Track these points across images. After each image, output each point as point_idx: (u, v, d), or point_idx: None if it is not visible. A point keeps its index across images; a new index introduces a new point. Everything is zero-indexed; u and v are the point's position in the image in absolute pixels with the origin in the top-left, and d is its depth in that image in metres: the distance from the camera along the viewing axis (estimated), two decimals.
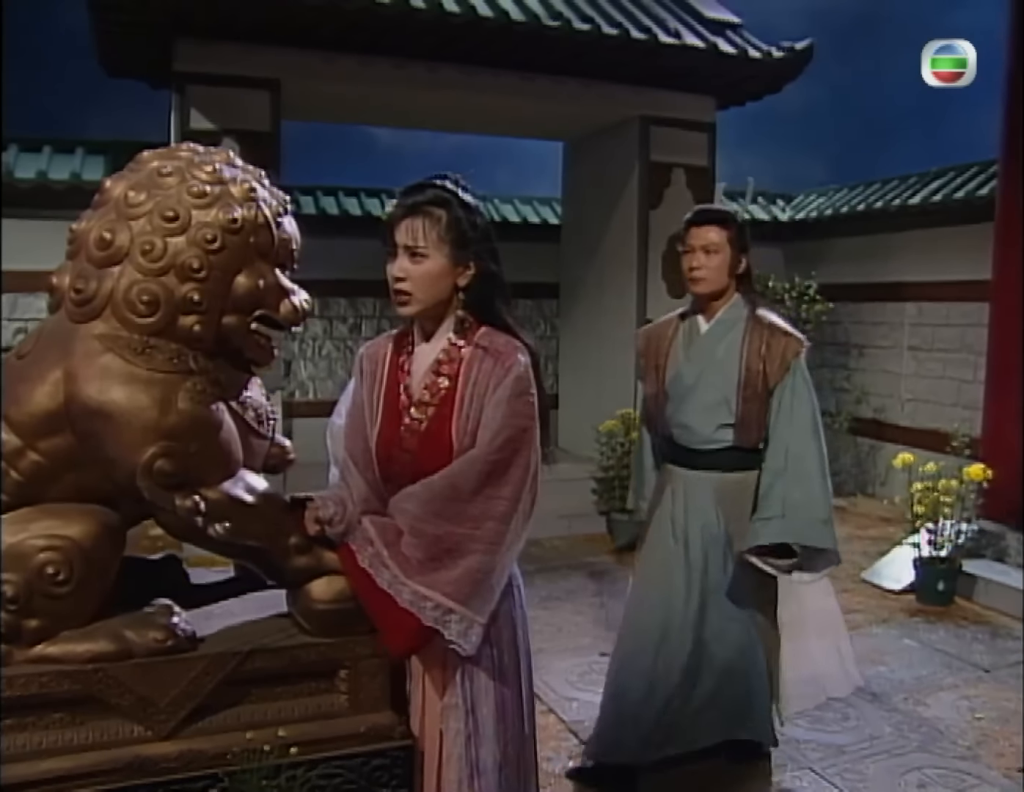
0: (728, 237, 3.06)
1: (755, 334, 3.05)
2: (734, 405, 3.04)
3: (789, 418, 3.01)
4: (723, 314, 3.12)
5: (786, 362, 3.01)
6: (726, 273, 3.07)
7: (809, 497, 2.97)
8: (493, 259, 2.02)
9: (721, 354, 3.08)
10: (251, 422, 1.98)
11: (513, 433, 1.91)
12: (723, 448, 3.08)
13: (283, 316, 1.95)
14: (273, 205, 1.95)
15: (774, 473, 3.01)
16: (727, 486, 3.09)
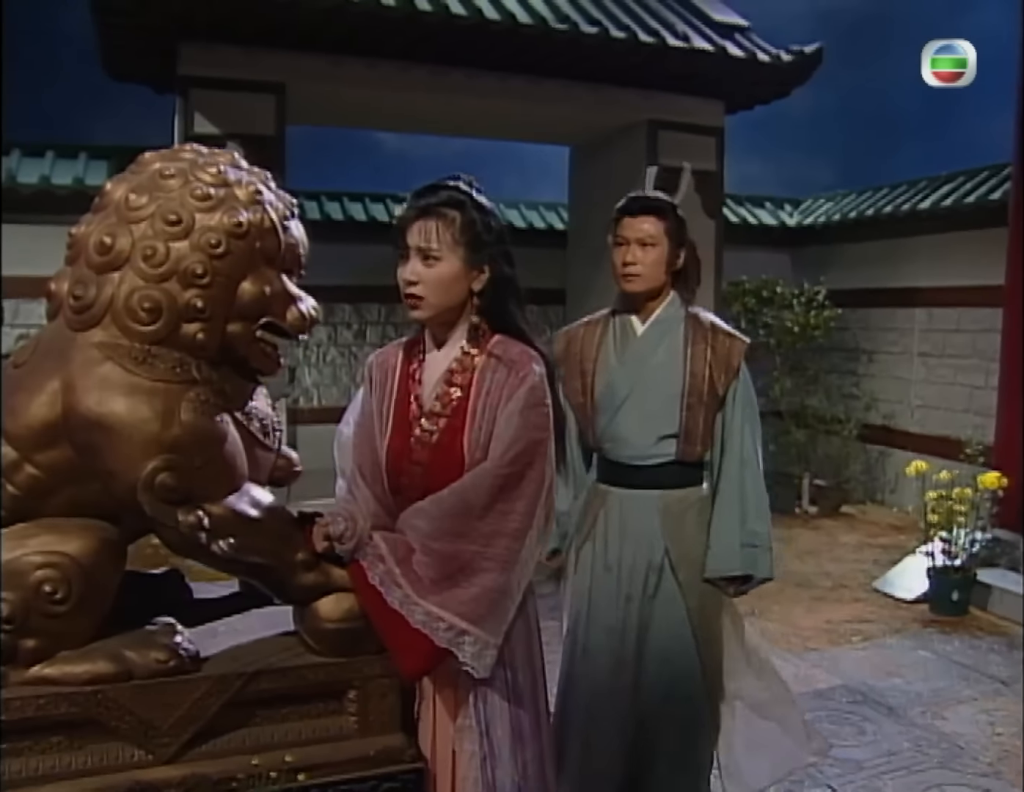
0: (666, 229, 2.71)
1: (697, 335, 2.74)
2: (677, 414, 2.71)
3: (741, 427, 2.75)
4: (660, 314, 2.78)
5: (733, 366, 2.74)
6: (663, 269, 2.73)
7: (767, 518, 2.76)
8: (508, 263, 1.95)
9: (661, 358, 2.75)
10: (256, 433, 1.91)
11: (527, 445, 1.84)
12: (665, 462, 2.73)
13: (290, 324, 1.88)
14: (280, 208, 1.88)
15: (738, 489, 2.72)
16: (671, 505, 2.73)
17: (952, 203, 7.49)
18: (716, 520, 2.73)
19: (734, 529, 2.70)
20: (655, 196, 2.86)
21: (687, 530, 2.74)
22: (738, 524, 2.71)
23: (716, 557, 2.71)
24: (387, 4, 5.83)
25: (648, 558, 2.71)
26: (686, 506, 2.75)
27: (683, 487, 2.76)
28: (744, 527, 2.70)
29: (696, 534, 2.73)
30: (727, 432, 2.75)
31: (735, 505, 2.72)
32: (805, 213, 9.69)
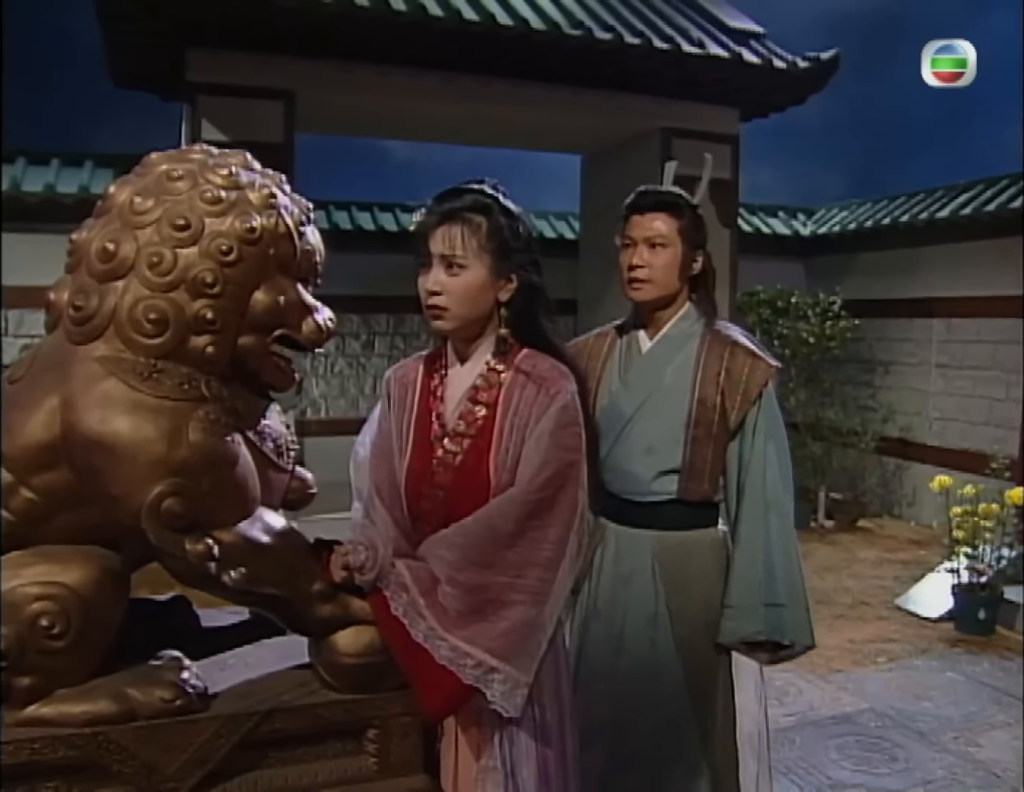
0: (680, 228, 2.37)
1: (711, 355, 2.38)
2: (681, 447, 2.36)
3: (764, 463, 2.36)
4: (671, 328, 2.43)
5: (751, 393, 2.34)
6: (676, 275, 2.38)
7: (799, 579, 2.38)
8: (536, 271, 1.83)
9: (668, 380, 2.40)
10: (269, 454, 1.79)
11: (558, 469, 1.71)
12: (664, 501, 2.38)
13: (305, 336, 1.76)
14: (295, 213, 1.76)
15: (761, 537, 2.35)
16: (667, 549, 2.38)
17: (972, 212, 7.36)
18: (735, 574, 2.36)
19: (754, 585, 2.33)
20: (669, 190, 2.49)
21: (689, 579, 2.38)
22: (761, 579, 2.32)
23: (734, 617, 2.35)
24: (398, 9, 5.73)
25: (643, 607, 2.38)
26: (688, 551, 2.39)
27: (687, 529, 2.41)
28: (769, 583, 2.32)
29: (700, 584, 2.38)
30: (746, 469, 2.37)
31: (757, 556, 2.33)
32: (819, 222, 9.57)
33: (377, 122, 7.37)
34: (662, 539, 2.39)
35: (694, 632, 2.37)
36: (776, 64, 6.86)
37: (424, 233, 1.77)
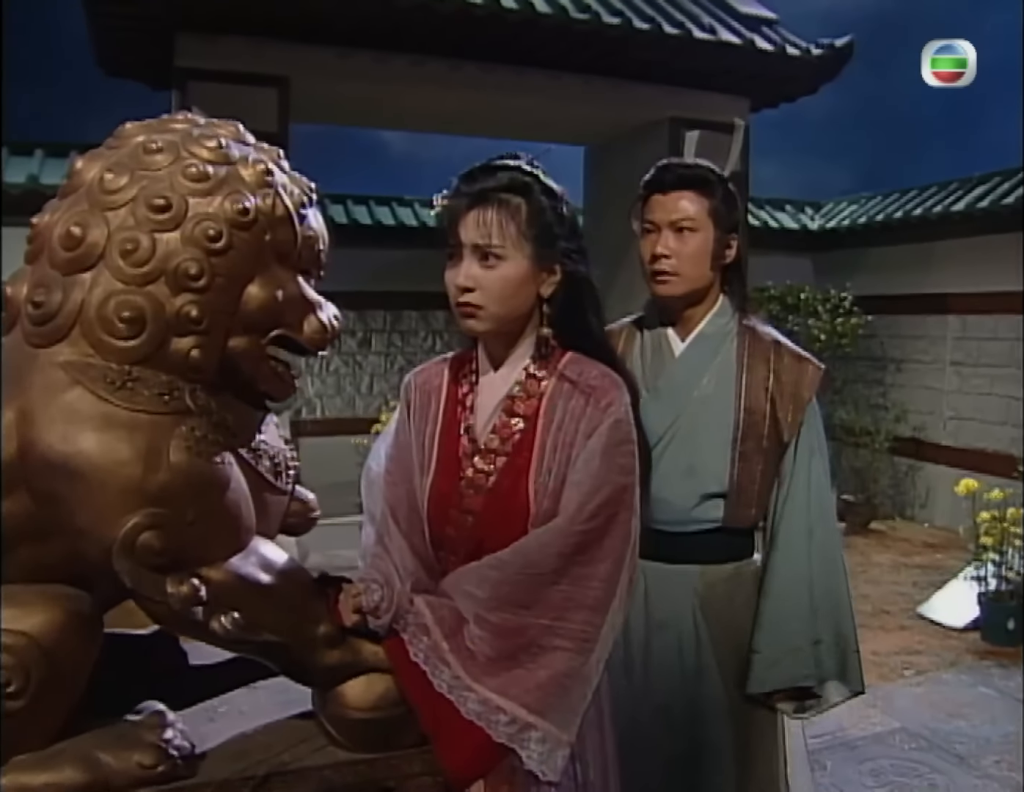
0: (711, 208, 2.05)
1: (755, 357, 2.09)
2: (727, 466, 2.05)
3: (808, 481, 2.08)
4: (706, 327, 2.12)
5: (802, 399, 2.07)
6: (708, 264, 2.06)
7: (847, 614, 2.11)
8: (583, 260, 1.58)
9: (707, 388, 2.08)
10: (266, 474, 1.53)
11: (610, 495, 1.47)
12: (708, 530, 2.07)
13: (307, 337, 1.51)
14: (295, 194, 1.51)
15: (804, 568, 2.07)
16: (711, 586, 2.07)
17: (989, 205, 7.12)
18: (772, 610, 2.06)
19: (798, 623, 2.04)
20: (696, 164, 2.15)
21: (736, 621, 2.08)
22: (805, 615, 2.05)
23: (774, 662, 2.04)
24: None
25: (683, 658, 2.06)
26: (732, 587, 2.09)
27: (731, 561, 2.11)
28: (812, 619, 2.05)
29: (748, 625, 2.09)
30: (788, 487, 2.09)
31: (801, 589, 2.06)
32: (827, 216, 9.33)
33: (375, 112, 7.10)
34: (704, 575, 2.08)
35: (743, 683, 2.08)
36: (789, 51, 6.62)
37: (452, 219, 1.52)
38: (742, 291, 2.21)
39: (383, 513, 1.62)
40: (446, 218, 1.53)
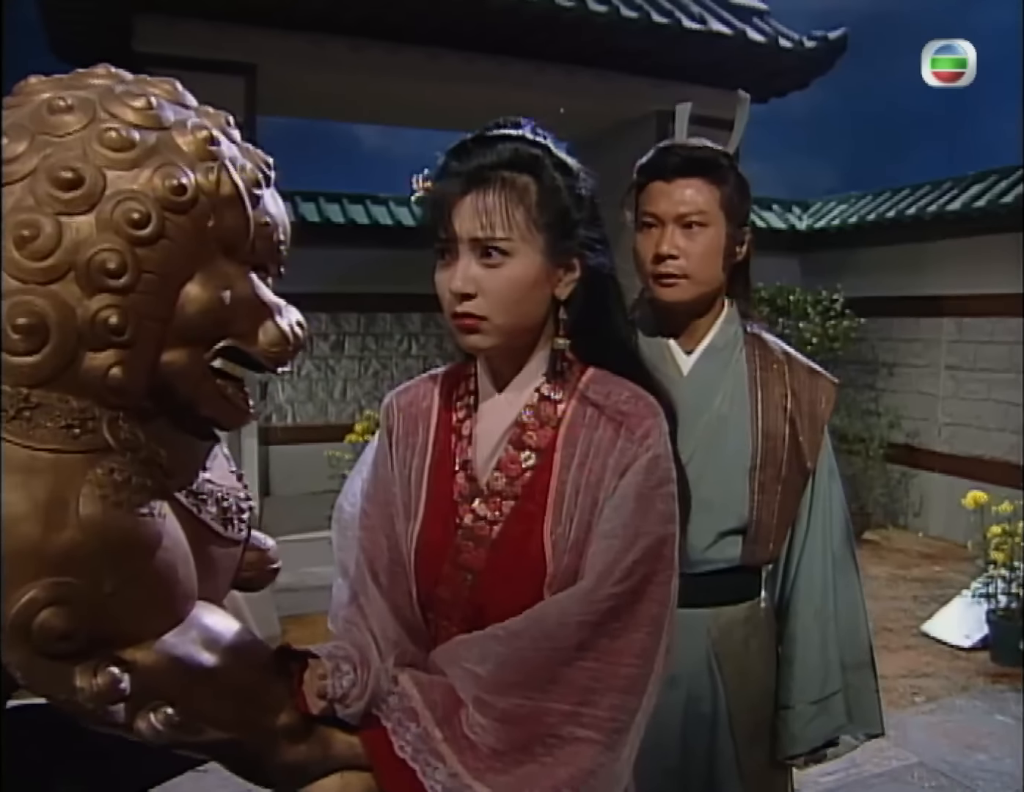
0: (722, 199, 1.76)
1: (769, 371, 1.83)
2: (746, 498, 1.79)
3: (828, 516, 1.86)
4: (716, 337, 1.85)
5: (820, 420, 1.84)
6: (719, 265, 1.78)
7: (869, 652, 1.91)
8: (606, 253, 1.26)
9: (720, 408, 1.81)
10: (212, 522, 1.22)
11: (647, 549, 1.16)
12: (724, 569, 1.80)
13: (262, 349, 1.19)
14: (247, 169, 1.20)
15: (822, 613, 1.85)
16: (725, 630, 1.81)
17: (986, 204, 6.88)
18: (797, 661, 1.85)
19: (828, 671, 1.83)
20: (703, 144, 1.82)
21: (753, 668, 1.84)
22: (834, 661, 1.84)
23: (806, 718, 1.82)
24: None
25: (698, 714, 1.78)
26: (747, 631, 1.83)
27: (744, 601, 1.85)
28: (841, 665, 1.84)
29: (763, 674, 1.86)
30: (806, 517, 1.86)
31: (828, 634, 1.84)
32: (816, 216, 9.07)
33: (348, 104, 6.77)
34: (718, 618, 1.80)
35: (760, 739, 1.84)
36: (782, 43, 6.35)
37: (441, 207, 1.19)
38: (747, 294, 1.94)
39: (358, 566, 1.30)
40: (433, 206, 1.20)
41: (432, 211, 1.20)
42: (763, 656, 1.87)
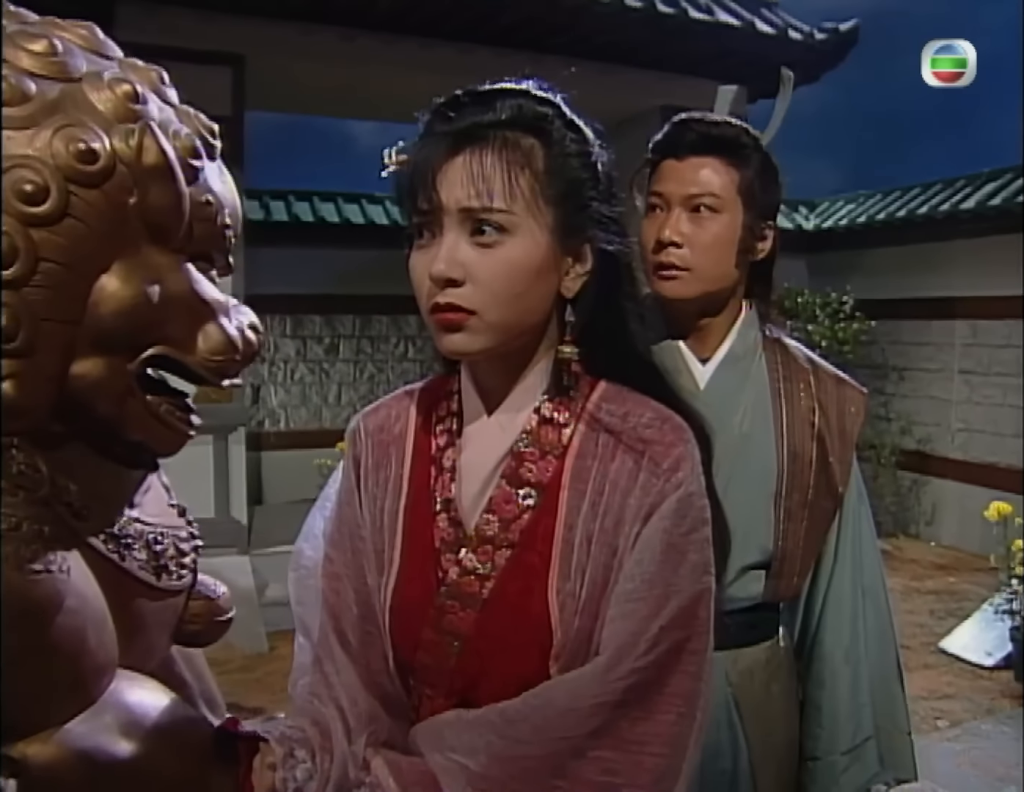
0: (740, 182, 1.53)
1: (794, 383, 1.62)
2: (771, 528, 1.58)
3: (858, 543, 1.66)
4: (735, 344, 1.62)
5: (850, 436, 1.63)
6: (731, 259, 1.55)
7: (900, 691, 1.72)
8: (621, 237, 1.02)
9: (743, 425, 1.59)
10: (141, 572, 0.99)
11: (680, 611, 0.93)
12: (745, 607, 1.58)
13: (201, 358, 0.96)
14: (183, 135, 0.97)
15: (852, 654, 1.64)
16: (749, 673, 1.60)
17: (1001, 202, 6.65)
18: (827, 707, 1.64)
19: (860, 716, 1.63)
20: (726, 120, 1.60)
21: (775, 715, 1.63)
22: (866, 705, 1.64)
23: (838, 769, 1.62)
24: None
25: (714, 768, 1.54)
26: (772, 672, 1.63)
27: (764, 640, 1.64)
28: (873, 708, 1.64)
29: (787, 720, 1.66)
30: (833, 546, 1.65)
31: (858, 675, 1.64)
32: (823, 216, 8.83)
33: (341, 98, 6.52)
34: (738, 661, 1.57)
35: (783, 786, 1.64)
36: (791, 35, 6.13)
37: (423, 172, 0.95)
38: (768, 296, 1.71)
39: (322, 625, 1.06)
40: (412, 173, 0.96)
41: (411, 179, 0.96)
42: (786, 702, 1.66)
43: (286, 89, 6.01)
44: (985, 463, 6.95)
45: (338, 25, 5.29)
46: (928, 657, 4.93)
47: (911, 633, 5.31)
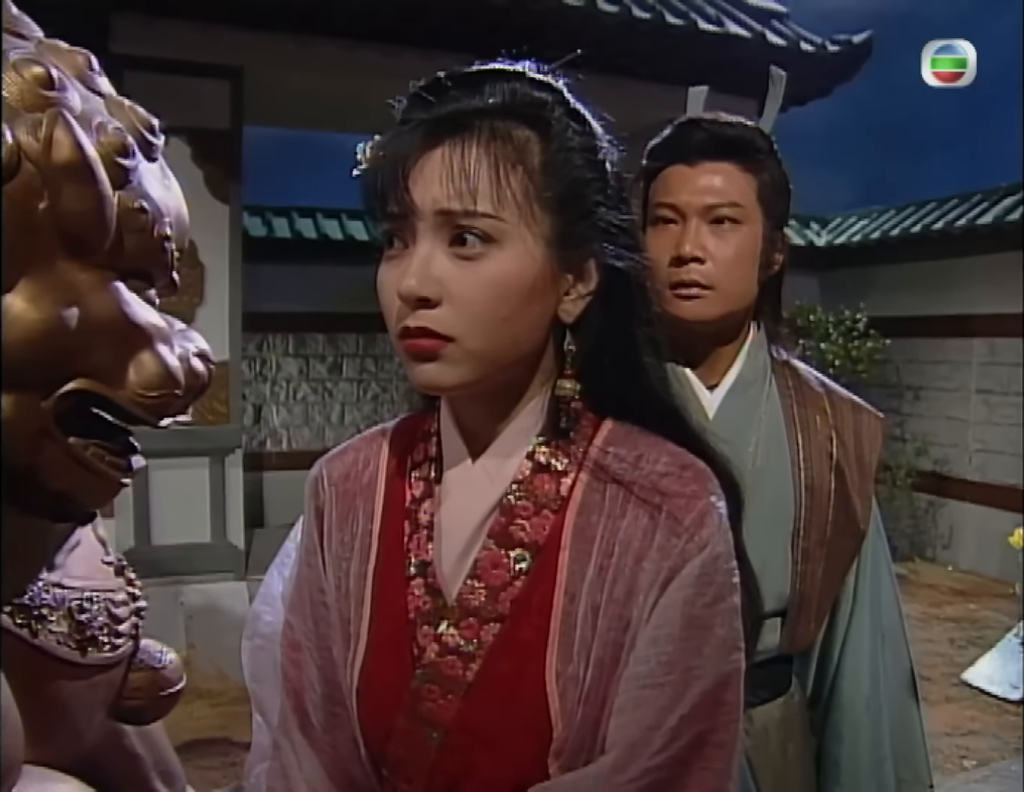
0: (760, 190, 1.39)
1: (809, 410, 1.47)
2: (788, 572, 1.43)
3: (877, 583, 1.51)
4: (745, 368, 1.46)
5: (869, 471, 1.48)
6: (755, 274, 1.41)
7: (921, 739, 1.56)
8: (634, 248, 0.85)
9: (758, 460, 1.43)
10: (59, 648, 0.83)
11: (704, 697, 0.77)
12: (759, 661, 1.33)
13: (133, 393, 0.81)
14: (110, 130, 0.81)
15: (872, 704, 1.49)
16: (764, 733, 1.45)
17: (1020, 217, 6.49)
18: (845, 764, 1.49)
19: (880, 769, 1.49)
20: (738, 121, 1.44)
21: (791, 777, 1.47)
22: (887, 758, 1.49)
23: None
24: None
25: None
26: (788, 731, 1.47)
27: (778, 696, 1.47)
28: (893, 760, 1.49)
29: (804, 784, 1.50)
30: (851, 588, 1.49)
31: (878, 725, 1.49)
32: (835, 232, 8.67)
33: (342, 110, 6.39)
34: (750, 721, 1.36)
35: None
36: (803, 47, 5.99)
37: (396, 167, 0.79)
38: (777, 314, 1.54)
39: (282, 707, 0.90)
40: (383, 169, 0.81)
41: (381, 176, 0.80)
42: (802, 763, 1.49)
43: (285, 102, 5.91)
44: (1004, 485, 6.76)
45: (338, 37, 5.17)
46: (950, 690, 4.74)
47: (931, 663, 5.12)
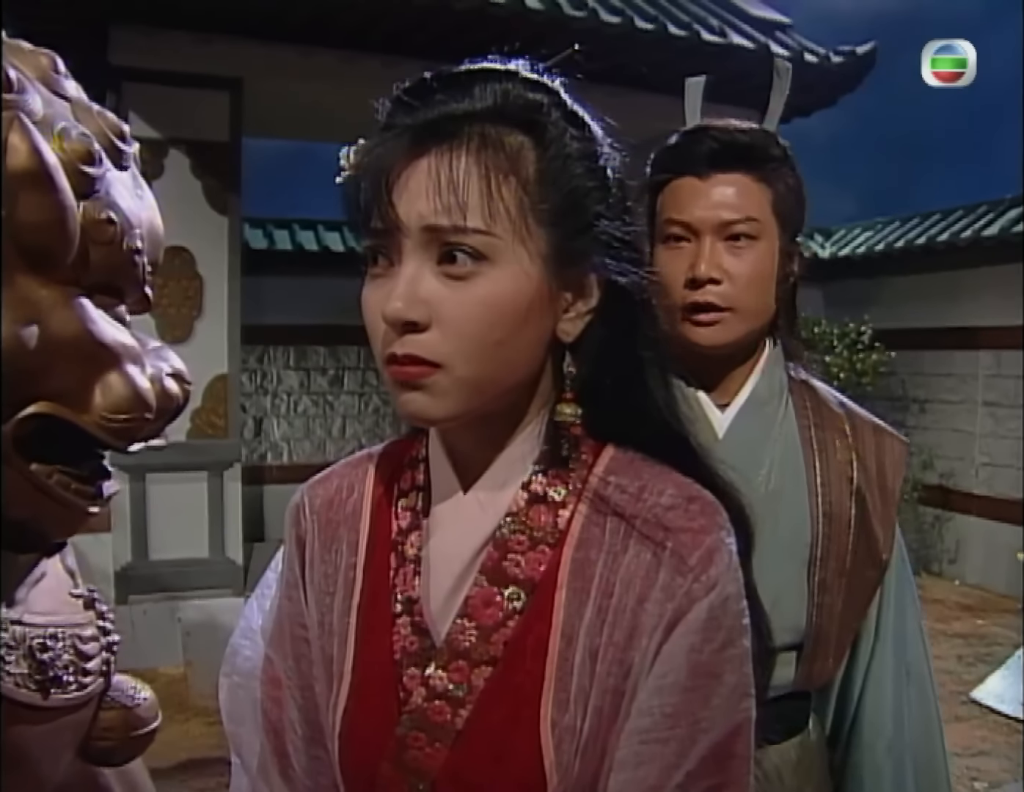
0: (776, 202, 1.31)
1: (828, 432, 1.39)
2: (804, 603, 1.36)
3: (901, 614, 1.43)
4: (758, 387, 1.38)
5: (891, 497, 1.40)
6: (772, 292, 1.33)
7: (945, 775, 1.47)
8: (637, 261, 0.79)
9: (771, 483, 1.35)
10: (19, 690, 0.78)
11: (712, 750, 0.71)
12: (774, 697, 1.14)
13: (99, 417, 0.75)
14: (75, 135, 0.76)
15: (897, 743, 1.41)
16: (779, 775, 1.37)
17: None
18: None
19: None
20: (750, 127, 1.37)
21: None
22: None
23: None
24: None
25: None
26: (804, 772, 1.38)
27: (795, 734, 1.39)
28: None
29: None
30: (874, 619, 1.42)
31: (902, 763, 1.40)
32: (839, 244, 8.62)
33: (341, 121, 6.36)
34: (766, 761, 1.27)
35: None
36: (807, 58, 5.95)
37: (378, 178, 0.73)
38: (793, 328, 1.44)
39: (262, 749, 0.85)
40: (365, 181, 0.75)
41: (363, 189, 0.75)
42: None
43: (285, 113, 5.88)
44: (1011, 499, 6.69)
45: (338, 48, 5.16)
46: (959, 708, 4.66)
47: (939, 681, 4.94)
